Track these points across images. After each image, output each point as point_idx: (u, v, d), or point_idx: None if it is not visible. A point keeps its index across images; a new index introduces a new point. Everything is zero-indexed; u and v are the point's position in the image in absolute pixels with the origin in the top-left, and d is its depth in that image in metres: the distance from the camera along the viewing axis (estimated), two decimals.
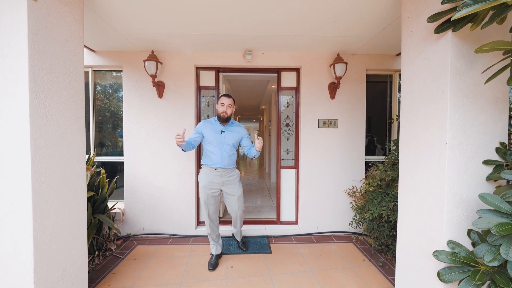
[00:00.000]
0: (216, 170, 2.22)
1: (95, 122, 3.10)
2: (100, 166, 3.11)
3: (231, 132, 2.27)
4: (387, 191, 2.28)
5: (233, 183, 2.30)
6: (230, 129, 2.29)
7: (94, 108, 3.07)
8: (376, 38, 2.53)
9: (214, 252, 2.37)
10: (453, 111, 1.30)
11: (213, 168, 2.22)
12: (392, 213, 2.10)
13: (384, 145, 3.26)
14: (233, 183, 2.30)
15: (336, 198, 3.05)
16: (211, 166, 2.23)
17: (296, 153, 3.18)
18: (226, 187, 2.28)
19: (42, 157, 1.31)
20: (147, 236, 2.96)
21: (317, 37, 2.52)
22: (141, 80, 2.92)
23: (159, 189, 2.97)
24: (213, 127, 2.26)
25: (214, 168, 2.22)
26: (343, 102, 3.01)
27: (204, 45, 2.74)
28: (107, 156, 3.14)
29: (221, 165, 2.22)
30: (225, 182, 2.27)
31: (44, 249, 1.32)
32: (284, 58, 2.98)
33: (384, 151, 3.30)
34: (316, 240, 2.92)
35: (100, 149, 3.16)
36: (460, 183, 1.31)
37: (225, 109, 2.21)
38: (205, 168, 2.27)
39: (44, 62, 1.33)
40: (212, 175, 2.23)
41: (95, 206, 2.28)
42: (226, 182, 2.27)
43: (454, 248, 1.28)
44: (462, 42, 1.29)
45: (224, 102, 2.22)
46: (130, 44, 2.73)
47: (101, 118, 3.15)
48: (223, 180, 2.25)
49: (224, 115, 2.21)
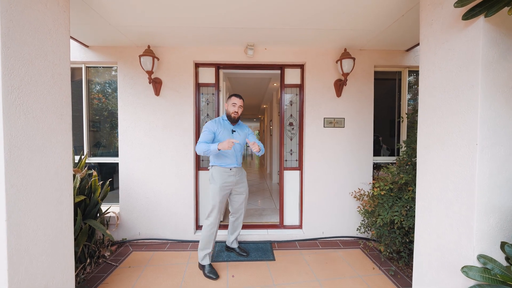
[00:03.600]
0: (231, 170, 2.22)
1: (89, 122, 2.94)
2: (96, 167, 2.96)
3: (241, 131, 2.31)
4: (399, 195, 2.13)
5: (243, 182, 2.35)
6: (240, 128, 2.32)
7: (87, 107, 2.91)
8: (386, 31, 2.37)
9: (210, 261, 2.21)
10: (485, 107, 1.15)
11: (228, 168, 2.21)
12: (406, 219, 1.95)
13: (390, 146, 3.11)
14: (243, 181, 2.35)
15: (342, 201, 2.89)
16: (226, 166, 2.20)
17: (300, 154, 3.02)
18: (237, 186, 2.29)
19: (18, 159, 1.16)
20: (143, 241, 2.81)
21: (323, 31, 2.36)
22: (137, 76, 2.76)
23: (156, 191, 2.81)
24: (225, 127, 2.23)
25: (229, 168, 2.21)
26: (350, 100, 2.86)
27: (204, 39, 2.59)
28: (104, 157, 2.98)
29: (236, 164, 2.24)
30: (238, 181, 2.28)
31: (20, 264, 1.17)
32: (287, 54, 2.82)
33: (389, 151, 3.15)
34: (322, 245, 2.77)
35: (97, 149, 3.01)
36: (492, 189, 1.16)
37: (237, 109, 2.21)
38: (219, 169, 2.19)
39: (21, 52, 1.18)
40: (227, 175, 2.20)
41: (87, 211, 2.12)
42: (239, 181, 2.29)
43: (486, 264, 1.13)
44: (496, 29, 1.14)
45: (236, 103, 2.21)
46: (125, 39, 2.58)
47: (98, 117, 3.00)
48: (237, 180, 2.26)
49: (235, 115, 2.21)
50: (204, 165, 2.99)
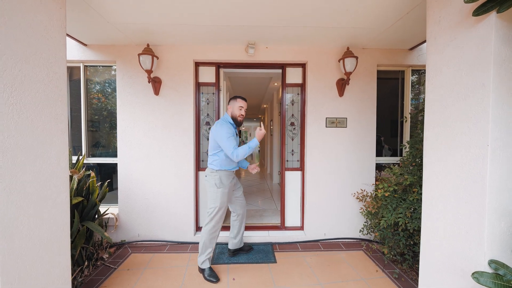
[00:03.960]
0: (233, 172, 2.27)
1: (88, 121, 2.90)
2: (95, 168, 2.92)
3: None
4: (403, 196, 2.08)
5: (236, 178, 2.36)
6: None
7: (86, 106, 2.87)
8: (389, 30, 2.32)
9: (210, 263, 2.15)
10: (497, 107, 1.10)
11: (233, 172, 2.26)
12: (411, 221, 1.91)
13: (391, 146, 3.06)
14: (236, 178, 2.36)
15: (344, 202, 2.85)
16: (232, 169, 2.23)
17: (301, 154, 2.98)
18: (235, 184, 2.35)
19: (11, 161, 1.11)
20: (142, 243, 2.77)
21: (325, 29, 2.32)
22: (136, 75, 2.72)
23: (155, 192, 2.77)
24: (234, 130, 2.23)
25: (233, 171, 2.26)
26: (352, 100, 2.81)
27: (204, 37, 2.54)
28: (103, 157, 2.94)
29: (237, 167, 2.29)
30: (236, 181, 2.35)
31: (13, 272, 1.12)
32: (289, 53, 2.78)
33: (391, 151, 3.11)
34: (324, 247, 2.73)
35: (96, 149, 2.96)
36: (504, 192, 1.12)
37: (243, 113, 2.21)
38: (226, 173, 2.17)
39: (15, 49, 1.13)
40: (231, 178, 2.24)
41: (84, 213, 2.08)
42: (235, 180, 2.35)
43: (498, 269, 1.09)
44: (508, 26, 1.09)
45: (243, 106, 2.20)
46: (123, 37, 2.53)
47: (98, 117, 2.95)
48: (235, 180, 2.33)
49: (241, 118, 2.22)
50: (203, 165, 2.95)
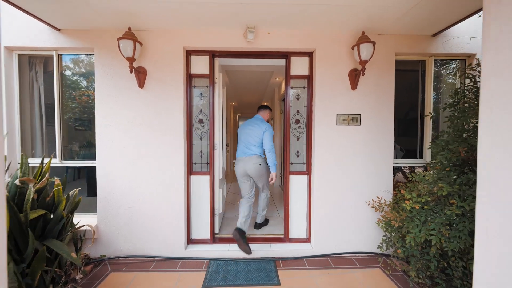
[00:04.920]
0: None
1: (62, 119, 2.52)
2: (76, 172, 2.55)
3: None
4: (434, 208, 1.72)
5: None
6: None
7: (60, 101, 2.49)
8: (412, 10, 1.96)
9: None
10: None
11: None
12: (448, 241, 1.54)
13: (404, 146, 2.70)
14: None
15: (357, 211, 2.49)
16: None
17: (308, 156, 2.61)
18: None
19: None
20: (125, 259, 2.39)
21: (338, 7, 1.95)
22: (117, 65, 2.34)
23: (140, 200, 2.40)
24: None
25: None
26: (367, 93, 2.45)
27: (196, 20, 2.16)
28: (80, 159, 2.56)
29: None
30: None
31: None
32: (294, 39, 2.41)
33: (403, 152, 2.74)
34: (334, 263, 2.36)
35: (78, 151, 2.58)
36: None
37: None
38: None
39: None
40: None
41: (48, 229, 1.71)
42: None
43: None
44: None
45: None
46: (102, 20, 2.16)
47: (78, 114, 2.57)
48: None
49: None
50: (196, 169, 2.58)
